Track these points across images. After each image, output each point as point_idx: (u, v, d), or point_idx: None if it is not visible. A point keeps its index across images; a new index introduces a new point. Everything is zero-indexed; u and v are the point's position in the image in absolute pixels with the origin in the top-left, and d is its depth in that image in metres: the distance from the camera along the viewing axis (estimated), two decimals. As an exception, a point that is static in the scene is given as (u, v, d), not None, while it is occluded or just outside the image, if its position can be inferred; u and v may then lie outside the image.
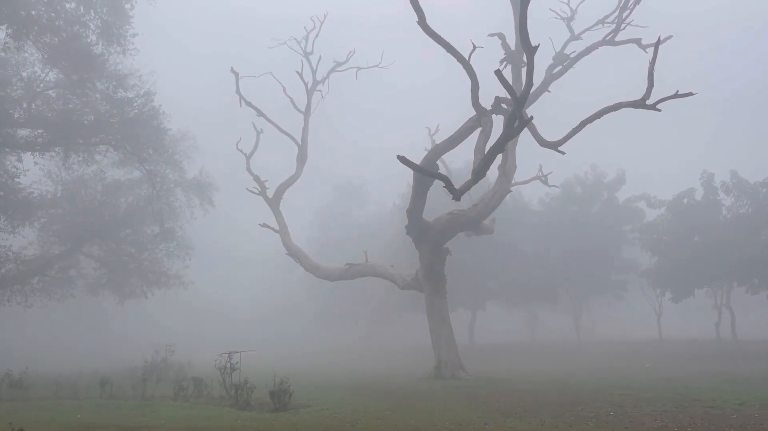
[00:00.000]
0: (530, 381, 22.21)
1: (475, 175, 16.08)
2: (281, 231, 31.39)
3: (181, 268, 40.22)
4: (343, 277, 29.15)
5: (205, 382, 18.80)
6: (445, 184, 15.25)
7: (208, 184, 41.91)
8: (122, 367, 29.16)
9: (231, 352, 18.89)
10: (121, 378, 21.43)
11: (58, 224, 37.84)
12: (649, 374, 24.96)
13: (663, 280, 39.69)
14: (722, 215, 38.94)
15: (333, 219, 62.24)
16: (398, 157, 14.53)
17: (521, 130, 15.05)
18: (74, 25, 29.40)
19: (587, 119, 17.01)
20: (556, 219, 45.23)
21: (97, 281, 39.95)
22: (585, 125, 16.99)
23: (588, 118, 17.01)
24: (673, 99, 15.52)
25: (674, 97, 15.54)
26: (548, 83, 24.63)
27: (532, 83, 14.49)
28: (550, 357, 36.69)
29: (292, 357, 45.31)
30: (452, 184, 15.27)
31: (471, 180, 16.09)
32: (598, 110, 17.12)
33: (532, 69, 14.32)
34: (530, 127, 18.92)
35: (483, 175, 16.10)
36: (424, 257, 23.72)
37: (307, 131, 32.72)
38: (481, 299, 44.75)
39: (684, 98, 15.30)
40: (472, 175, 16.20)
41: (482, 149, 17.49)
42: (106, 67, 31.63)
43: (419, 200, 22.02)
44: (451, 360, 23.11)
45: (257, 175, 32.53)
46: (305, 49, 32.70)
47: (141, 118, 32.49)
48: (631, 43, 24.19)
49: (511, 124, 14.97)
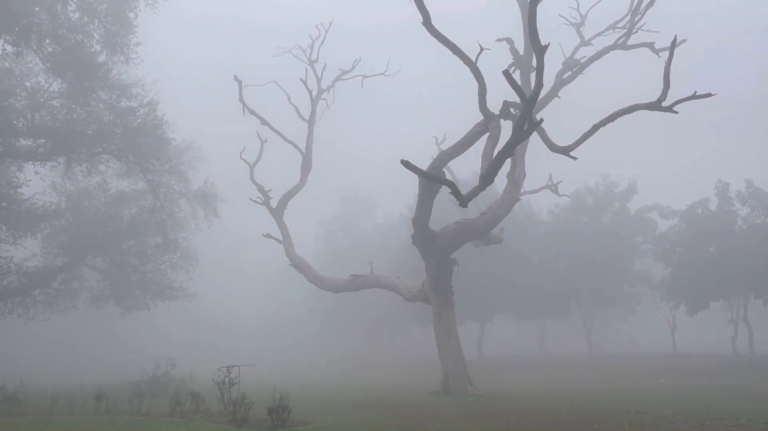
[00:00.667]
0: (542, 397, 21.42)
1: (483, 181, 15.40)
2: (285, 242, 30.78)
3: (185, 280, 39.73)
4: (348, 289, 28.45)
5: (204, 397, 18.15)
6: (451, 189, 14.60)
7: (212, 195, 41.48)
8: (123, 380, 28.53)
9: (230, 366, 18.23)
10: (119, 393, 20.83)
11: (62, 235, 37.44)
12: (666, 390, 24.05)
13: (677, 293, 38.67)
14: (737, 225, 37.99)
15: (339, 230, 61.70)
16: (402, 162, 13.90)
17: (531, 133, 14.38)
18: (77, 33, 29.16)
19: (600, 123, 16.32)
20: (566, 230, 44.40)
21: (101, 293, 39.44)
22: (598, 129, 16.29)
23: (601, 122, 16.32)
24: (690, 100, 14.84)
25: (692, 98, 14.85)
26: (558, 89, 24.02)
27: (542, 84, 13.86)
28: (561, 372, 35.82)
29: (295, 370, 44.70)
30: (459, 190, 14.61)
31: (478, 186, 15.41)
32: (612, 113, 16.42)
33: (542, 69, 13.69)
34: (540, 132, 18.25)
35: (491, 181, 15.41)
36: (430, 268, 23.00)
37: (312, 140, 32.19)
38: (490, 311, 43.86)
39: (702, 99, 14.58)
40: (480, 180, 15.53)
41: (490, 154, 16.83)
42: (109, 77, 31.33)
43: (425, 208, 21.33)
44: (459, 375, 22.31)
45: (261, 184, 31.95)
46: (310, 57, 32.28)
47: (144, 127, 32.14)
48: (644, 47, 23.56)
49: (521, 127, 14.31)
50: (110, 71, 31.18)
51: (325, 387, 28.06)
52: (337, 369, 45.93)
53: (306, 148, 32.04)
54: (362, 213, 63.41)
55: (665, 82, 15.11)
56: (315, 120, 32.45)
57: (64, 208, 38.21)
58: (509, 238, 38.37)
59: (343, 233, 61.63)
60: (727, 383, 25.95)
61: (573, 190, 43.91)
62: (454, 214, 29.32)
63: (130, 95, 31.88)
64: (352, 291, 29.17)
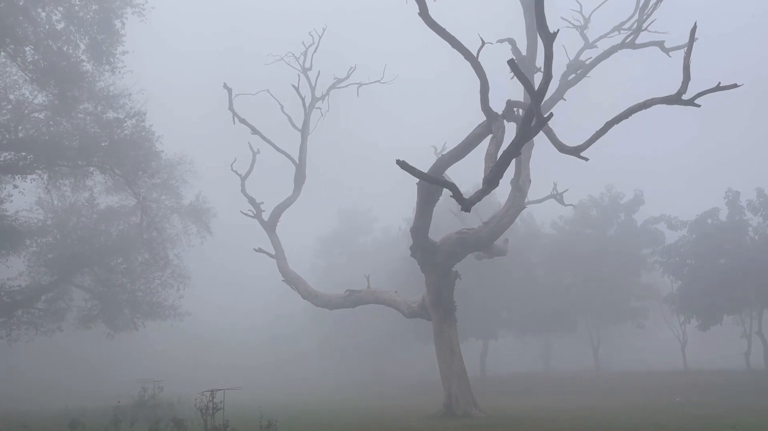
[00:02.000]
0: (551, 418, 20.06)
1: (487, 184, 14.08)
2: (278, 256, 29.37)
3: (176, 298, 38.33)
4: (344, 305, 26.97)
5: (187, 424, 16.65)
6: (452, 193, 13.28)
7: (205, 210, 40.31)
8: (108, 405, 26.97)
9: (214, 390, 16.78)
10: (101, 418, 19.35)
11: (48, 253, 36.08)
12: (682, 410, 22.59)
13: (688, 306, 37.12)
14: (748, 236, 36.60)
15: (337, 245, 60.21)
16: (398, 162, 12.61)
17: (539, 130, 13.09)
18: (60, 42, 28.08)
19: (614, 119, 15.00)
20: (570, 243, 43.02)
21: (89, 313, 37.94)
22: (611, 126, 14.96)
23: (615, 119, 14.99)
24: (713, 92, 13.58)
25: (715, 90, 13.58)
26: (563, 91, 22.85)
27: (551, 75, 12.62)
28: (569, 391, 34.26)
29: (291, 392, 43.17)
30: (460, 193, 13.29)
31: (483, 189, 14.09)
32: (626, 109, 15.11)
33: (551, 59, 12.45)
34: (548, 132, 16.95)
35: (496, 184, 14.06)
36: (430, 282, 21.55)
37: (306, 150, 30.90)
38: (494, 328, 42.34)
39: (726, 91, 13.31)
40: (484, 183, 14.20)
41: (494, 156, 15.51)
42: (95, 87, 30.23)
43: (424, 217, 19.96)
44: (463, 396, 20.80)
45: (252, 197, 30.64)
46: (303, 65, 31.13)
47: (131, 139, 30.93)
48: (653, 46, 22.39)
49: (528, 123, 13.04)
50: (96, 82, 30.12)
51: (321, 411, 26.51)
52: (335, 389, 44.35)
53: (299, 159, 30.74)
54: (360, 228, 62.04)
55: (685, 73, 13.87)
56: (309, 129, 31.21)
57: (51, 225, 36.97)
58: (513, 252, 37.08)
59: (341, 249, 60.19)
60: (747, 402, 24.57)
61: (577, 202, 42.60)
62: (455, 226, 27.95)
63: (117, 106, 30.72)
64: (347, 308, 27.67)
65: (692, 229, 37.89)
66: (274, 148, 30.81)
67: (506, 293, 41.24)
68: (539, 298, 41.21)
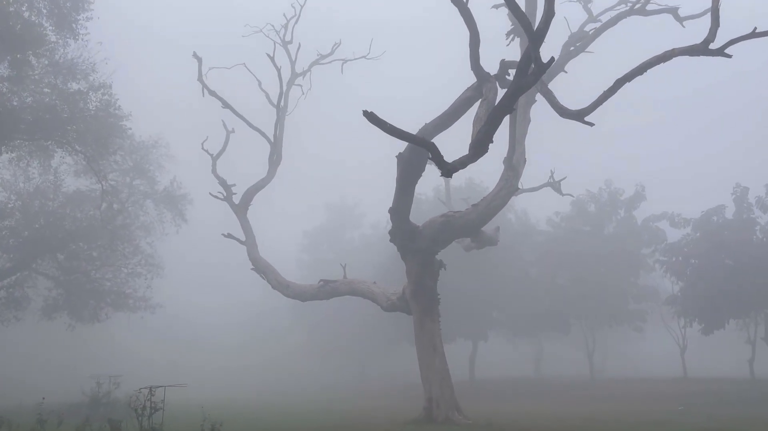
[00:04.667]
0: (541, 427, 18.09)
1: (475, 149, 11.81)
2: (248, 242, 26.93)
3: (145, 289, 35.95)
4: (317, 297, 24.56)
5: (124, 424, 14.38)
6: (431, 154, 11.02)
7: (180, 197, 37.91)
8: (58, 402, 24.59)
9: (152, 387, 14.50)
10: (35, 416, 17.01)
11: (11, 237, 33.65)
12: (686, 420, 20.48)
13: (691, 309, 34.86)
14: (756, 236, 34.44)
15: (324, 241, 57.77)
16: (365, 113, 10.34)
17: (538, 79, 10.78)
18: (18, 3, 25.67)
19: (624, 77, 12.56)
20: (566, 240, 40.76)
21: (53, 303, 35.47)
22: (622, 84, 12.57)
23: (626, 75, 12.56)
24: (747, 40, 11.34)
25: (750, 37, 11.34)
26: (565, 62, 20.56)
27: (553, 12, 10.41)
28: (562, 397, 32.31)
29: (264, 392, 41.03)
30: (441, 155, 11.03)
31: (469, 155, 11.83)
32: (641, 63, 12.77)
33: (553, -9, 10.18)
34: (547, 94, 14.62)
35: (485, 149, 11.77)
36: (411, 270, 19.17)
37: (282, 128, 28.44)
38: (483, 328, 40.06)
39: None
40: (471, 148, 11.94)
41: (484, 120, 13.18)
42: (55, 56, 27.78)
43: (405, 196, 17.58)
44: (445, 399, 18.49)
45: (224, 178, 28.23)
46: (284, 38, 28.73)
47: (96, 115, 28.46)
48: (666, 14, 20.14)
49: (525, 70, 10.77)
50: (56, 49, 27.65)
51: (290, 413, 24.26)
52: (316, 391, 42.09)
53: (275, 137, 28.27)
54: (349, 223, 59.63)
55: (713, 19, 11.64)
56: (287, 107, 28.77)
57: (12, 207, 34.49)
58: (505, 249, 34.76)
59: (328, 244, 57.70)
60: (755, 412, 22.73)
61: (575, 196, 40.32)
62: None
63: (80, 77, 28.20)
64: (322, 299, 25.28)
65: (696, 227, 35.72)
66: (248, 125, 28.34)
67: (497, 292, 39.02)
68: (532, 298, 38.99)
